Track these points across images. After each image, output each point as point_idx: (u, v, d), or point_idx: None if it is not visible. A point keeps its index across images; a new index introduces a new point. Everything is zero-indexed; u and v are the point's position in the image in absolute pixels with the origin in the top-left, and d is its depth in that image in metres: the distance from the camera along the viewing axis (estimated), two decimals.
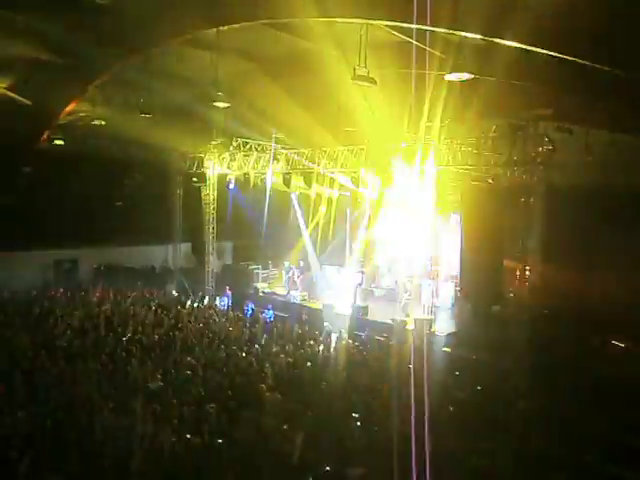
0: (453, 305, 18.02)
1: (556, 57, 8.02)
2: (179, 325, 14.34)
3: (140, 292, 18.48)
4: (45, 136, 17.98)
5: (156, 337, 12.99)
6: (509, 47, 8.41)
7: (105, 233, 21.08)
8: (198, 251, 22.12)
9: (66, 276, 20.79)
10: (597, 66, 7.93)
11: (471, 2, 7.73)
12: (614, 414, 9.94)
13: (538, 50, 8.07)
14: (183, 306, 16.89)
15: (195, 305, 17.41)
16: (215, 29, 10.83)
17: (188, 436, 7.93)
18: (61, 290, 17.63)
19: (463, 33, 8.39)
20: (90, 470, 6.87)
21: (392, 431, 8.39)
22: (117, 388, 9.64)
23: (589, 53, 7.71)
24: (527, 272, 13.68)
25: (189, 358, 11.62)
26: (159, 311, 15.84)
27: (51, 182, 19.82)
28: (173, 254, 23.38)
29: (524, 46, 8.11)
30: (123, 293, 17.89)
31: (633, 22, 6.86)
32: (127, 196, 21.98)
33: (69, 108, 16.13)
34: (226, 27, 10.70)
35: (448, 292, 18.37)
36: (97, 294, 17.20)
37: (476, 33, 8.18)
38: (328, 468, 7.27)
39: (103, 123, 16.93)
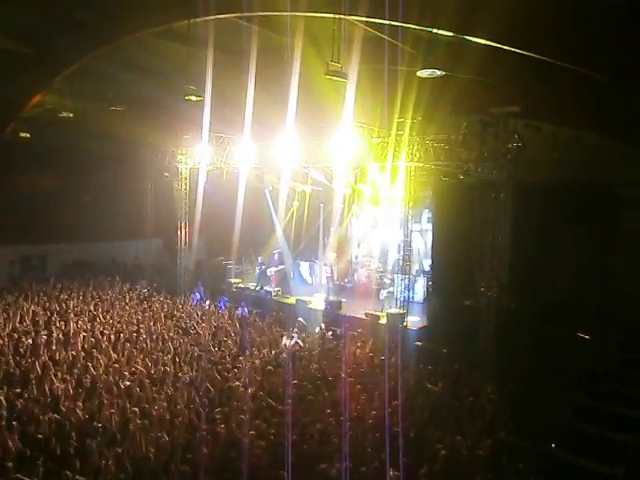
0: (425, 300, 18.24)
1: (523, 55, 8.17)
2: (150, 321, 14.18)
3: (110, 288, 18.18)
4: (10, 129, 17.46)
5: (124, 334, 12.79)
6: (479, 44, 8.53)
7: (74, 229, 20.62)
8: (170, 247, 21.86)
9: (34, 272, 20.32)
10: (562, 64, 8.11)
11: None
12: (578, 404, 10.26)
13: (506, 48, 8.21)
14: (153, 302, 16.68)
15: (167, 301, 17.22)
16: (187, 21, 10.69)
17: (159, 434, 7.87)
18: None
19: (434, 30, 8.47)
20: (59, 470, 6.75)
21: (365, 425, 8.49)
22: (84, 385, 9.49)
23: (554, 51, 7.88)
24: (497, 267, 13.96)
25: (161, 354, 11.52)
26: (129, 307, 15.65)
27: (18, 176, 19.30)
28: (144, 250, 23.04)
29: (493, 44, 8.23)
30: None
31: (597, 22, 7.03)
32: (96, 191, 21.51)
33: (35, 100, 15.71)
34: (199, 19, 10.57)
35: (420, 287, 18.60)
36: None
37: (447, 30, 8.26)
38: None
39: (71, 115, 16.53)
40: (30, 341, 11.71)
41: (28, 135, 17.54)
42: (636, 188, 14.67)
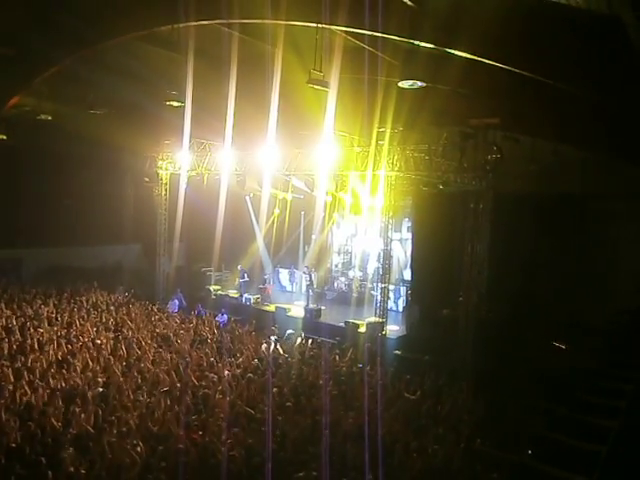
0: (404, 309, 18.35)
1: (503, 68, 8.34)
2: (128, 328, 14.00)
3: (87, 294, 17.89)
4: None
5: (101, 341, 12.60)
6: (460, 57, 8.68)
7: (52, 233, 20.27)
8: (149, 252, 21.64)
9: (8, 277, 19.87)
10: (540, 78, 8.30)
11: (423, 12, 7.94)
12: (553, 414, 10.39)
13: (486, 61, 8.37)
14: (131, 308, 16.45)
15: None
16: (170, 26, 10.68)
17: (135, 442, 7.75)
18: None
19: (415, 42, 8.60)
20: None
21: (343, 433, 8.49)
22: (58, 393, 9.31)
23: (532, 66, 8.07)
24: (475, 276, 14.13)
25: (137, 362, 11.37)
26: (106, 313, 15.42)
27: None
28: (123, 255, 22.75)
29: (472, 56, 8.39)
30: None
31: (571, 38, 7.22)
32: (75, 195, 21.19)
33: (13, 101, 15.48)
34: (182, 25, 10.57)
35: (400, 296, 18.71)
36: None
37: (427, 42, 8.39)
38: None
39: (50, 118, 16.30)
40: (3, 347, 11.45)
41: (5, 137, 17.23)
42: (612, 200, 15.03)
